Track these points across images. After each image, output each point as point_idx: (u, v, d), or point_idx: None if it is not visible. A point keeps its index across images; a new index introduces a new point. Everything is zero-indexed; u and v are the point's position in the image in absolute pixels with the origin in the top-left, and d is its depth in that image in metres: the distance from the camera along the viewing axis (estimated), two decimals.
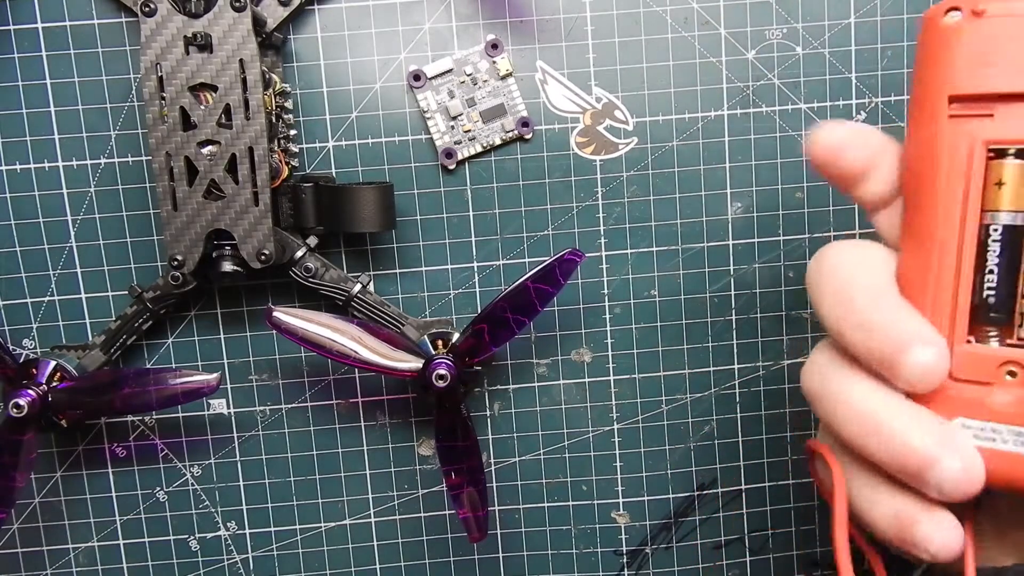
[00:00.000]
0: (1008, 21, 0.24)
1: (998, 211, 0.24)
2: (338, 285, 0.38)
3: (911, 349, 0.24)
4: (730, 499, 0.43)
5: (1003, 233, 0.24)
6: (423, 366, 0.37)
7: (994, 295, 0.25)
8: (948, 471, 0.23)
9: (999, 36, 0.24)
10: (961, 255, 0.25)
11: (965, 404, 0.25)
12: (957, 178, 0.24)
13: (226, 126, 0.35)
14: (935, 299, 0.25)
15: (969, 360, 0.25)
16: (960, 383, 0.25)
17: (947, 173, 0.25)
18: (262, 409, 0.42)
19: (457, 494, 0.39)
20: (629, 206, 0.41)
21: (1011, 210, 0.24)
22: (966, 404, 0.25)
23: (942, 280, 0.25)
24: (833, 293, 0.26)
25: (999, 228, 0.24)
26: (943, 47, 0.25)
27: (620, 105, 0.40)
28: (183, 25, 0.34)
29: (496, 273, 0.41)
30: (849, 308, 0.26)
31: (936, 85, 0.25)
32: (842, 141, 0.28)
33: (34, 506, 0.42)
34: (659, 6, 0.39)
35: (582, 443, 0.42)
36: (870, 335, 0.25)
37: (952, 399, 0.25)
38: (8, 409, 0.36)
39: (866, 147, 0.27)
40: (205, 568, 0.43)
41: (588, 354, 0.42)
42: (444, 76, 0.39)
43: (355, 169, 0.40)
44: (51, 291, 0.40)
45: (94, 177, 0.39)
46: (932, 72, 0.25)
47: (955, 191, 0.25)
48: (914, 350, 0.24)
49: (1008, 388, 0.24)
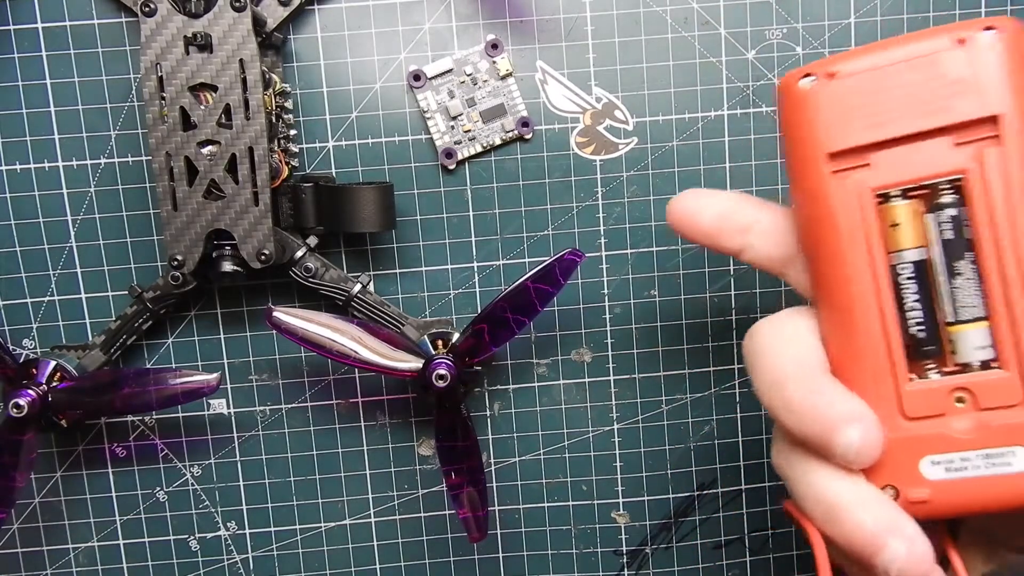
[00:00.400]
0: (859, 78, 0.25)
1: (901, 250, 0.26)
2: (338, 285, 0.38)
3: (838, 431, 0.24)
4: (730, 499, 0.43)
5: (913, 270, 0.26)
6: (423, 366, 0.37)
7: (922, 330, 0.26)
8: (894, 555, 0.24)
9: (855, 92, 0.25)
10: (881, 301, 0.26)
11: (928, 442, 0.25)
12: (855, 230, 0.26)
13: (226, 126, 0.35)
14: (868, 348, 0.26)
15: (918, 398, 0.25)
16: (916, 422, 0.25)
17: (846, 227, 0.26)
18: (262, 409, 0.42)
19: (457, 494, 0.39)
20: (629, 206, 0.41)
21: (913, 247, 0.26)
22: (928, 441, 0.25)
23: (870, 329, 0.26)
24: (764, 377, 0.27)
25: (908, 266, 0.26)
26: (807, 111, 0.26)
27: (620, 105, 0.40)
28: (183, 25, 0.35)
29: (496, 273, 0.41)
30: (779, 393, 0.26)
31: (811, 147, 0.26)
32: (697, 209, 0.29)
33: (34, 506, 0.42)
34: (659, 6, 0.39)
35: (582, 443, 0.42)
36: (800, 419, 0.25)
37: (913, 440, 0.25)
38: (8, 409, 0.36)
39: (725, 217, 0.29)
40: (205, 568, 0.43)
41: (588, 354, 0.42)
42: (444, 76, 0.39)
43: (355, 169, 0.40)
44: (51, 291, 0.40)
45: (94, 177, 0.39)
46: (803, 135, 0.26)
47: (857, 242, 0.26)
48: (842, 432, 0.24)
49: (963, 414, 0.25)
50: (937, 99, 0.25)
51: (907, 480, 0.25)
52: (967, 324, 0.25)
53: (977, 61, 0.24)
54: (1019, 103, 0.24)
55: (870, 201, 0.25)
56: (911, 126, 0.25)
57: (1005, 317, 0.24)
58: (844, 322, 0.26)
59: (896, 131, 0.25)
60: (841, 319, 0.26)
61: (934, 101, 0.25)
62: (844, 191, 0.26)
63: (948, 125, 0.24)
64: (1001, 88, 0.24)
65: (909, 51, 0.25)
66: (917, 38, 0.25)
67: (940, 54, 0.25)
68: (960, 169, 0.25)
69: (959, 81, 0.24)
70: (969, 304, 0.25)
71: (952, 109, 0.24)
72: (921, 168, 0.25)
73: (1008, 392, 0.24)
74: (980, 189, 0.24)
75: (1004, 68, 0.24)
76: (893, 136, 0.25)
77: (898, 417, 0.25)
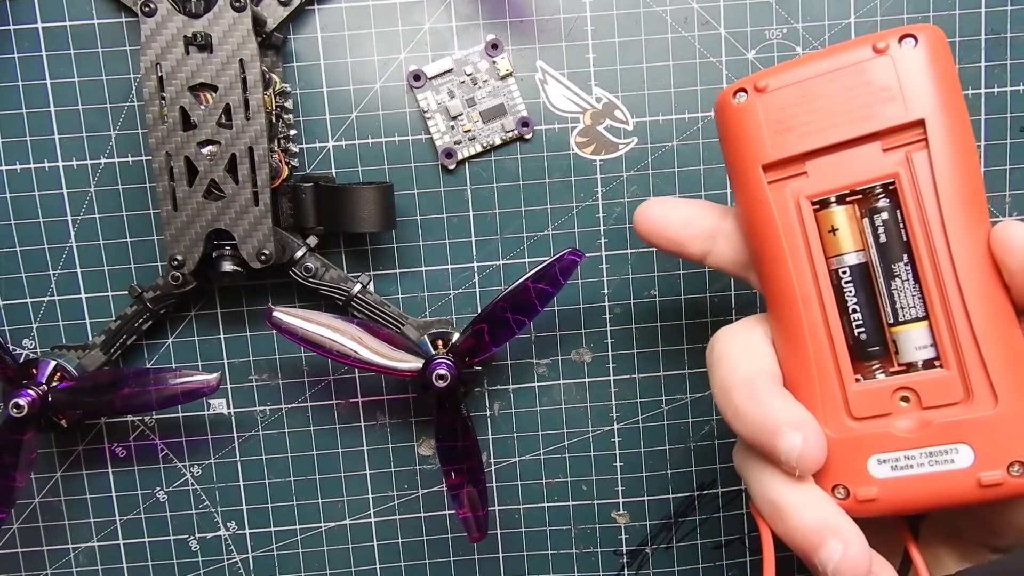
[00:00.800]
0: (788, 90, 0.26)
1: (841, 255, 0.26)
2: (338, 285, 0.38)
3: (781, 438, 0.25)
4: (730, 499, 0.43)
5: (852, 273, 0.26)
6: (423, 366, 0.37)
7: (864, 331, 0.26)
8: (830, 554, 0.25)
9: (785, 104, 0.26)
10: (823, 304, 0.26)
11: (874, 441, 0.26)
12: (795, 236, 0.27)
13: (226, 126, 0.35)
14: (814, 349, 0.26)
15: (862, 398, 0.26)
16: (863, 421, 0.26)
17: (785, 233, 0.27)
18: (262, 409, 0.42)
19: (457, 494, 0.39)
20: (629, 206, 0.41)
21: (852, 251, 0.26)
22: (875, 440, 0.26)
23: (814, 332, 0.26)
24: (717, 384, 0.28)
25: (847, 270, 0.26)
26: (742, 124, 0.27)
27: (620, 105, 0.40)
28: (183, 25, 0.35)
29: (496, 273, 0.41)
30: (729, 400, 0.27)
31: (748, 159, 0.27)
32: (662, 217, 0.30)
33: (34, 506, 0.42)
34: (659, 6, 0.39)
35: (582, 443, 0.42)
36: (747, 425, 0.26)
37: (860, 439, 0.26)
38: (8, 409, 0.36)
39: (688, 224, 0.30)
40: (205, 568, 0.43)
41: (588, 354, 0.42)
42: (444, 76, 0.39)
43: (355, 169, 0.40)
44: (51, 291, 0.40)
45: (94, 177, 0.39)
46: (740, 148, 0.27)
47: (798, 248, 0.27)
48: (784, 438, 0.25)
49: (907, 413, 0.26)
50: (864, 106, 0.25)
51: (855, 479, 0.26)
52: (908, 324, 0.26)
53: (899, 68, 0.25)
54: (942, 106, 0.25)
55: (808, 208, 0.26)
56: (841, 134, 0.26)
57: (942, 316, 0.25)
58: (790, 326, 0.27)
59: (827, 139, 0.26)
60: (787, 323, 0.27)
61: (861, 109, 0.25)
62: (782, 199, 0.27)
63: (876, 131, 0.25)
64: (923, 93, 0.25)
65: (834, 62, 0.26)
66: (841, 49, 0.26)
67: (863, 63, 0.26)
68: (890, 173, 0.26)
69: (883, 88, 0.25)
70: (908, 305, 0.26)
71: (879, 116, 0.25)
72: (853, 174, 0.26)
73: (949, 390, 0.25)
74: (910, 192, 0.25)
75: (925, 73, 0.25)
76: (824, 145, 0.26)
77: (845, 417, 0.26)
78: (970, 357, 0.25)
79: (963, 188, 0.25)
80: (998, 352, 0.25)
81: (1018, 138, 0.40)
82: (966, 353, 0.25)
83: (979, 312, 0.25)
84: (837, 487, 0.26)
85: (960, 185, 0.25)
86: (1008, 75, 0.40)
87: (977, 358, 0.25)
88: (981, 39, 0.40)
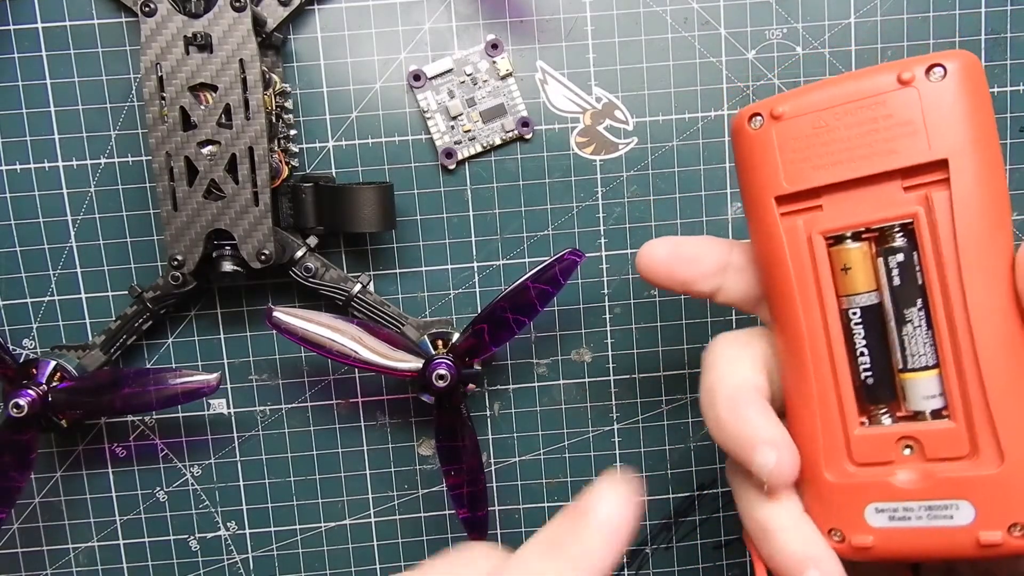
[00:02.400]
0: (806, 119, 0.25)
1: (853, 295, 0.25)
2: (338, 285, 0.38)
3: (756, 452, 0.25)
4: (730, 499, 0.43)
5: (863, 315, 0.25)
6: (423, 366, 0.37)
7: (872, 375, 0.25)
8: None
9: (802, 134, 0.25)
10: (831, 344, 0.25)
11: (874, 489, 0.25)
12: (806, 271, 0.25)
13: (226, 126, 0.35)
14: (818, 389, 0.26)
15: (866, 444, 0.25)
16: (864, 467, 0.25)
17: (795, 268, 0.25)
18: (262, 409, 0.42)
19: (457, 494, 0.39)
20: (629, 206, 0.41)
21: (864, 291, 0.25)
22: (875, 489, 0.25)
23: (820, 370, 0.25)
24: (705, 389, 0.27)
25: (857, 311, 0.25)
26: (756, 152, 0.26)
27: (620, 105, 0.40)
28: (183, 25, 0.34)
29: (496, 273, 0.41)
30: (712, 407, 0.26)
31: (760, 188, 0.26)
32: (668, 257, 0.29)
33: (34, 506, 0.42)
34: (659, 6, 0.39)
35: (582, 443, 0.42)
36: (726, 437, 0.26)
37: (860, 487, 0.25)
38: (8, 409, 0.36)
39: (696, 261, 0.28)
40: (205, 568, 0.43)
41: (588, 354, 0.42)
42: (444, 76, 0.39)
43: (355, 169, 0.40)
44: (51, 291, 0.40)
45: (94, 177, 0.39)
46: (753, 176, 0.26)
47: (808, 285, 0.25)
48: (758, 453, 0.25)
49: (909, 463, 0.25)
50: (885, 141, 0.24)
51: (852, 526, 0.25)
52: (917, 372, 0.25)
53: (923, 102, 0.23)
54: (968, 145, 0.23)
55: (821, 243, 0.25)
56: (859, 169, 0.24)
57: (954, 368, 0.24)
58: (796, 363, 0.26)
59: (844, 174, 0.24)
60: (794, 360, 0.26)
61: (882, 143, 0.24)
62: (795, 233, 0.25)
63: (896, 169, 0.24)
64: (948, 131, 0.23)
65: (855, 91, 0.24)
66: (863, 76, 0.24)
67: (887, 94, 0.24)
68: (909, 213, 0.24)
69: (906, 123, 0.24)
70: (919, 352, 0.25)
71: (900, 152, 0.24)
72: (870, 211, 0.25)
73: (955, 444, 0.24)
74: (929, 234, 0.24)
75: (951, 110, 0.23)
76: (841, 180, 0.24)
77: (846, 462, 0.25)
78: (979, 412, 0.24)
79: (984, 233, 0.23)
80: (1009, 410, 0.23)
81: (1018, 138, 0.40)
82: (975, 408, 0.24)
83: (992, 367, 0.23)
84: (833, 531, 0.25)
85: (981, 230, 0.23)
86: (1008, 75, 0.40)
87: (986, 414, 0.23)
88: (981, 39, 0.40)
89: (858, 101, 0.24)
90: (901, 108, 0.24)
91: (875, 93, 0.24)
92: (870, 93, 0.24)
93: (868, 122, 0.24)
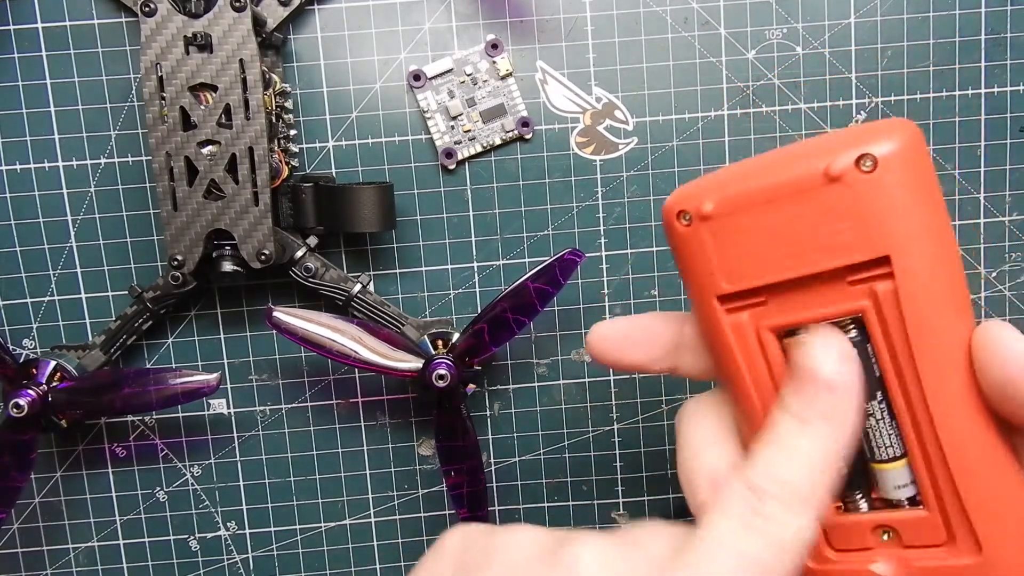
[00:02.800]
0: (735, 219, 0.23)
1: None
2: (338, 285, 0.38)
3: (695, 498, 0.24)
4: None
5: None
6: (423, 366, 0.37)
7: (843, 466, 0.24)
8: None
9: (735, 231, 0.23)
10: None
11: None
12: (758, 367, 0.24)
13: (226, 126, 0.35)
14: None
15: (842, 531, 0.24)
16: (843, 553, 0.24)
17: (747, 363, 0.24)
18: (262, 409, 0.42)
19: (457, 494, 0.39)
20: (629, 206, 0.41)
21: None
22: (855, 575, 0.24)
23: None
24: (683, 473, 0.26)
25: None
26: (690, 252, 0.24)
27: (620, 105, 0.40)
28: (183, 25, 0.34)
29: (496, 273, 0.41)
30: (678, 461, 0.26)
31: (699, 287, 0.24)
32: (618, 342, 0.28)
33: (34, 506, 0.42)
34: (659, 6, 0.39)
35: (582, 443, 0.42)
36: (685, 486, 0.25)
37: (840, 572, 0.24)
38: (8, 409, 0.36)
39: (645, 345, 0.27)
40: (205, 568, 0.43)
41: (588, 354, 0.42)
42: (444, 76, 0.39)
43: (355, 169, 0.40)
44: (51, 291, 0.40)
45: (94, 177, 0.39)
46: (691, 276, 0.24)
47: (761, 377, 0.24)
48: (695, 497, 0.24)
49: (887, 550, 0.24)
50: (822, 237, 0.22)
51: None
52: (886, 464, 0.24)
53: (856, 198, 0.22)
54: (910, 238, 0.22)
55: (771, 338, 0.24)
56: (799, 268, 0.23)
57: (921, 457, 0.23)
58: None
59: (784, 274, 0.23)
60: None
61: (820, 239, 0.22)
62: (741, 329, 0.24)
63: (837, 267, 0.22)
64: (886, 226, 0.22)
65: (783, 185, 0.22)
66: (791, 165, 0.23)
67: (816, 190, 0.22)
68: (856, 308, 0.23)
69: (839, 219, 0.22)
70: (886, 444, 0.24)
71: (839, 248, 0.22)
72: (817, 306, 0.23)
73: (930, 532, 0.23)
74: (878, 328, 0.22)
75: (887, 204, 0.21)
76: (782, 279, 0.23)
77: (826, 548, 0.25)
78: (950, 501, 0.23)
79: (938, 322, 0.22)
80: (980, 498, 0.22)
81: (1018, 138, 0.40)
82: (946, 497, 0.23)
83: (957, 455, 0.22)
84: None
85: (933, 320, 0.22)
86: (1008, 75, 0.40)
87: (957, 504, 0.22)
88: (981, 39, 0.40)
89: (785, 196, 0.22)
90: (834, 204, 0.22)
91: (804, 189, 0.22)
92: (797, 188, 0.22)
93: (799, 219, 0.22)
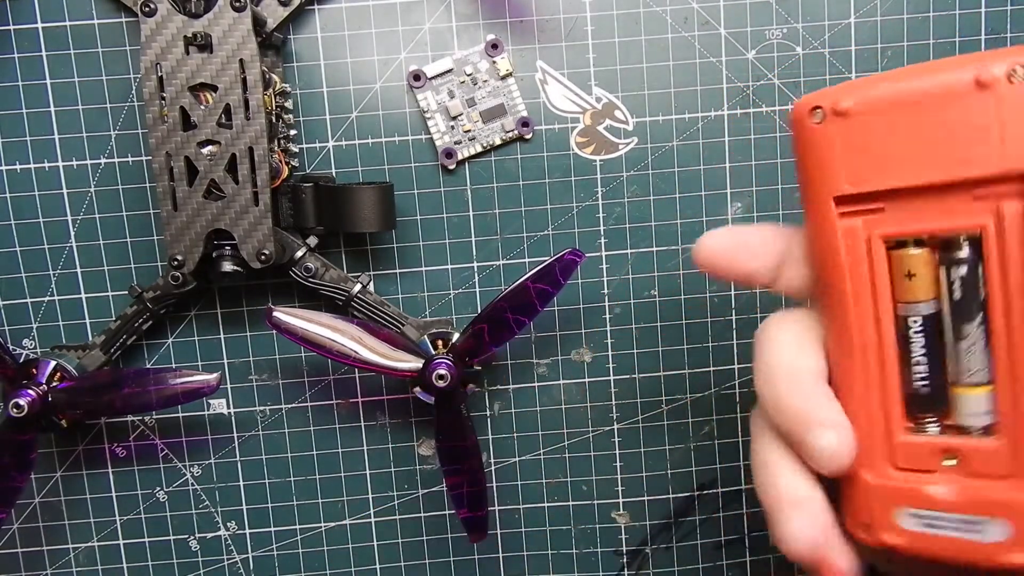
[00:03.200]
0: (871, 118, 0.23)
1: (914, 302, 0.24)
2: (338, 285, 0.38)
3: (817, 433, 0.25)
4: (730, 499, 0.43)
5: (923, 323, 0.24)
6: (423, 366, 0.37)
7: (926, 385, 0.24)
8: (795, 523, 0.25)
9: (867, 133, 0.23)
10: (883, 348, 0.24)
11: (911, 495, 0.24)
12: (862, 277, 0.24)
13: (226, 126, 0.35)
14: (865, 392, 0.25)
15: (909, 450, 0.25)
16: (905, 472, 0.25)
17: (851, 270, 0.24)
18: (262, 409, 0.42)
19: (457, 494, 0.39)
20: (629, 206, 0.41)
21: (926, 300, 0.24)
22: (912, 495, 0.24)
23: (869, 375, 0.25)
24: (762, 370, 0.27)
25: (919, 319, 0.24)
26: (817, 149, 0.24)
27: (620, 105, 0.40)
28: (183, 25, 0.34)
29: (496, 273, 0.41)
30: (771, 388, 0.26)
31: (818, 187, 0.24)
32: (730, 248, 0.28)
33: (34, 506, 0.42)
34: (659, 6, 0.39)
35: (582, 443, 0.42)
36: (784, 416, 0.26)
37: (897, 489, 0.25)
38: (8, 409, 0.36)
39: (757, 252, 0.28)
40: (205, 568, 0.43)
41: (588, 354, 0.42)
42: (444, 76, 0.39)
43: (355, 169, 0.40)
44: (51, 291, 0.40)
45: (94, 177, 0.39)
46: (813, 174, 0.25)
47: (863, 287, 0.24)
48: (815, 433, 0.25)
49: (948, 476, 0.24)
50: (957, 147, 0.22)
51: (883, 526, 0.25)
52: (970, 388, 0.24)
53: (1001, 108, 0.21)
54: None
55: (880, 248, 0.24)
56: (927, 176, 0.23)
57: (1009, 387, 0.23)
58: (846, 363, 0.25)
59: (911, 180, 0.23)
60: (843, 359, 0.25)
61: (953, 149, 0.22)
62: (853, 234, 0.24)
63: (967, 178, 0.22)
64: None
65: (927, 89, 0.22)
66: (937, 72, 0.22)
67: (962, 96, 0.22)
68: (978, 224, 0.22)
69: (980, 128, 0.22)
70: (975, 368, 0.23)
71: (972, 160, 0.22)
72: (936, 219, 0.23)
73: (997, 463, 0.23)
74: (996, 248, 0.22)
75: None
76: (907, 185, 0.23)
77: (887, 465, 0.25)
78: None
79: None
80: None
81: None
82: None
83: None
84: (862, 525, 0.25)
85: None
86: None
87: None
88: (981, 39, 0.40)
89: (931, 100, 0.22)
90: (977, 113, 0.22)
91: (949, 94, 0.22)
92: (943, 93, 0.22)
93: (939, 125, 0.22)
